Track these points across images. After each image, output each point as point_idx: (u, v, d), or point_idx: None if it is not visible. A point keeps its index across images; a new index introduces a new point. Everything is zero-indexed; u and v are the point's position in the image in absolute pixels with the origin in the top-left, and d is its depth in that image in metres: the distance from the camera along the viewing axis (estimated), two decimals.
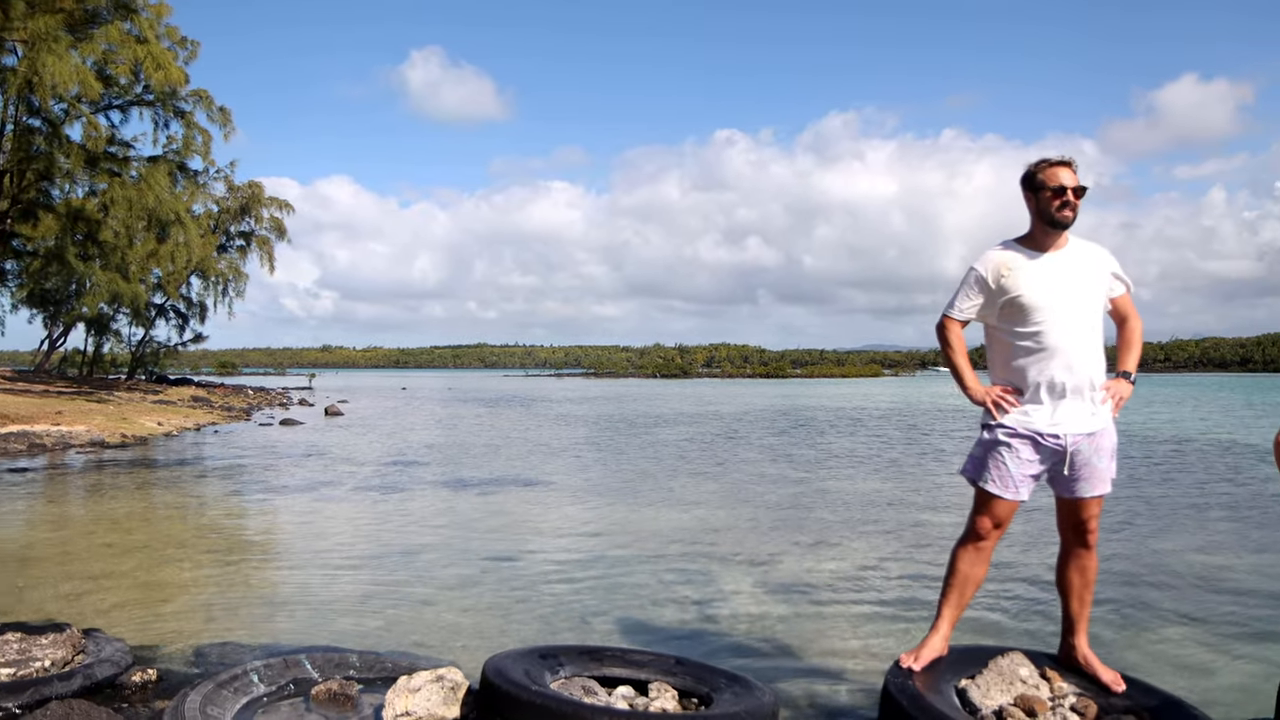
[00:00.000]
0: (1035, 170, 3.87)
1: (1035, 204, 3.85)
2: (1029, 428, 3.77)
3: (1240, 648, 5.47)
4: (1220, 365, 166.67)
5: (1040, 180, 3.82)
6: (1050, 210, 3.79)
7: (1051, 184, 3.79)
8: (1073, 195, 3.77)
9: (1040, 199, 3.82)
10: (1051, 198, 3.78)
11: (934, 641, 3.85)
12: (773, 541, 8.68)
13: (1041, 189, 3.81)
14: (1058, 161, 3.83)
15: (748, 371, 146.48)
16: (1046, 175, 3.82)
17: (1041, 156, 3.89)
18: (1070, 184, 3.77)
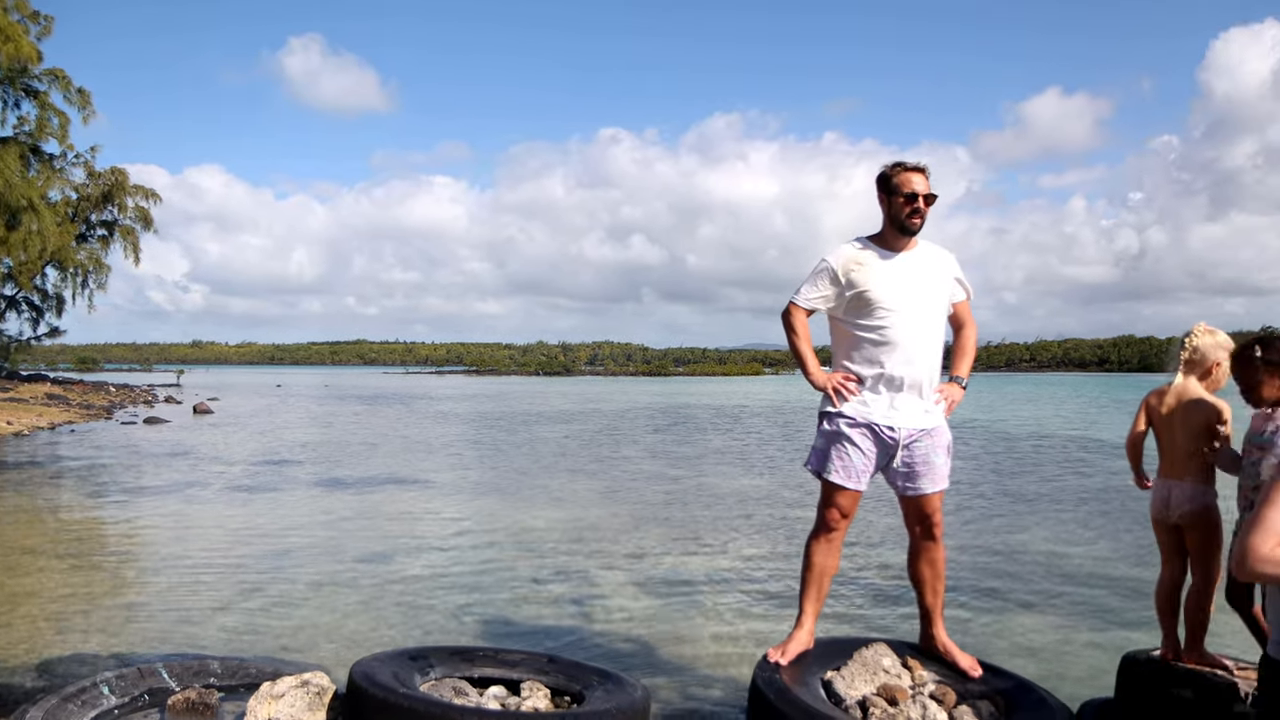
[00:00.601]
0: (890, 173, 3.94)
1: (887, 206, 3.94)
2: (866, 418, 3.87)
3: (1088, 631, 5.79)
4: (1080, 365, 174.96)
5: (894, 184, 3.90)
6: (901, 215, 3.89)
7: (904, 190, 3.87)
8: (923, 202, 3.87)
9: (893, 203, 3.91)
10: (904, 204, 3.88)
11: (800, 635, 3.94)
12: (649, 538, 8.76)
13: (894, 193, 3.89)
14: (912, 167, 3.92)
15: (631, 369, 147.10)
16: (900, 180, 3.90)
17: (897, 160, 3.97)
18: (922, 191, 3.87)
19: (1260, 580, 2.45)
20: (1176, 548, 3.84)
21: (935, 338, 3.94)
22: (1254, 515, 2.46)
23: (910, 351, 3.84)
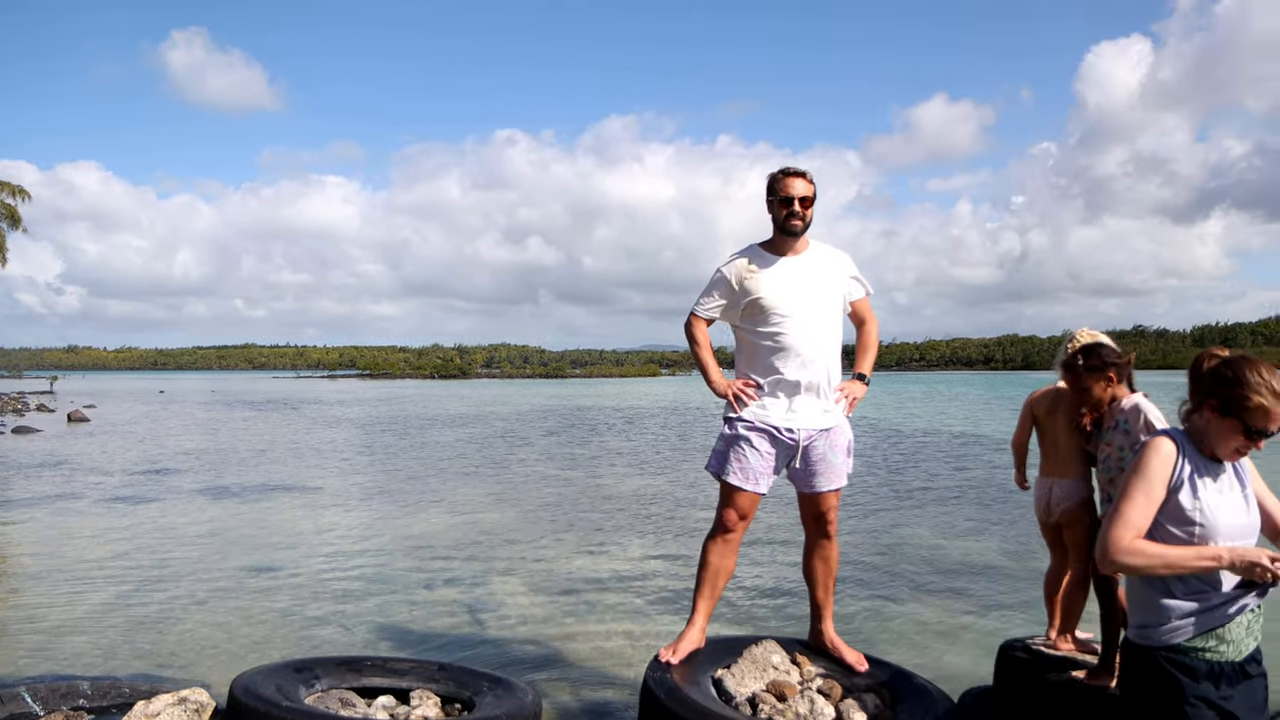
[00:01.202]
0: (773, 178, 4.04)
1: (773, 210, 4.03)
2: (765, 421, 3.94)
3: (971, 621, 5.99)
4: (967, 363, 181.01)
5: (775, 189, 4.01)
6: (779, 217, 3.99)
7: (782, 193, 3.98)
8: (799, 205, 3.96)
9: (775, 207, 4.01)
10: (780, 206, 3.98)
11: (691, 634, 3.97)
12: (545, 542, 8.73)
13: (775, 198, 4.00)
14: (793, 172, 4.01)
15: (528, 372, 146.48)
16: (781, 185, 3.99)
17: (783, 166, 4.07)
18: (797, 194, 3.96)
19: (1122, 571, 2.56)
20: (1060, 541, 4.01)
21: (832, 339, 4.03)
22: (1112, 510, 2.58)
23: (806, 355, 3.92)
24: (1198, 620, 2.51)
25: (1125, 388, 3.66)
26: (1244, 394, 2.47)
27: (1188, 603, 2.51)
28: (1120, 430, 3.58)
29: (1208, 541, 2.49)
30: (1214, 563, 2.45)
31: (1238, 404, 2.48)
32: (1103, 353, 3.63)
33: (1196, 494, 2.51)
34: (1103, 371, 3.60)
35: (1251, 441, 2.49)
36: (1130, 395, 3.61)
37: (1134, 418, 3.53)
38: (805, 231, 4.02)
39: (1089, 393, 3.65)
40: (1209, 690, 2.50)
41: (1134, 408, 3.54)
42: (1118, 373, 3.61)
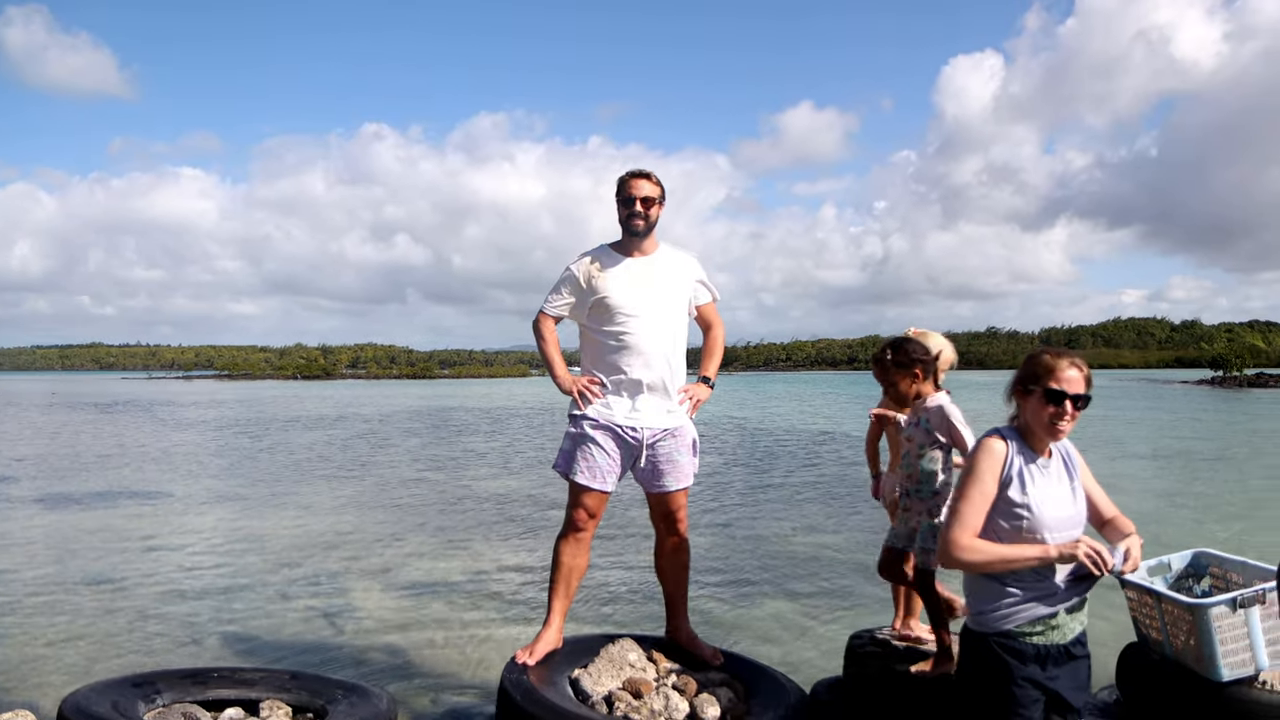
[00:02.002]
0: (619, 181, 4.09)
1: (622, 202, 4.06)
2: (609, 420, 3.98)
3: (825, 613, 6.17)
4: (832, 363, 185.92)
5: (619, 190, 4.07)
6: (623, 218, 4.05)
7: (625, 194, 4.03)
8: (641, 205, 4.01)
9: (619, 209, 4.06)
10: (623, 206, 4.03)
11: (548, 635, 3.97)
12: (408, 545, 8.58)
13: (619, 200, 4.06)
14: (637, 173, 4.07)
15: (394, 372, 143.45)
16: (624, 186, 4.05)
17: (630, 169, 4.11)
18: (640, 195, 4.01)
19: (964, 568, 2.66)
20: None
21: (675, 340, 4.08)
22: (949, 510, 2.70)
23: (650, 355, 3.96)
24: (1028, 608, 2.64)
25: (931, 386, 3.75)
26: (1031, 362, 2.72)
27: (1019, 591, 2.65)
28: (921, 428, 3.68)
29: (1035, 533, 2.62)
30: (1045, 556, 2.58)
31: (1030, 375, 2.69)
32: (910, 349, 3.71)
33: (1025, 489, 2.64)
34: (909, 368, 3.69)
35: (1057, 407, 2.64)
36: (936, 394, 3.71)
37: (936, 417, 3.63)
38: (649, 232, 4.06)
39: (895, 388, 3.75)
40: (1036, 672, 2.64)
41: (938, 407, 3.64)
42: (924, 370, 3.70)
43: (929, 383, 3.73)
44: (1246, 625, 3.23)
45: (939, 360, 4.06)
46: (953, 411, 3.60)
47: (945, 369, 4.06)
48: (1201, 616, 3.21)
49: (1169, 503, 11.11)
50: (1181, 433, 22.30)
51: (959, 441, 3.58)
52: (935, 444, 3.63)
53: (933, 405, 3.65)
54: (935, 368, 3.75)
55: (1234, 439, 20.44)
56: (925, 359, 3.69)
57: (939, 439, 3.62)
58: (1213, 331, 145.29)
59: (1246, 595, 3.22)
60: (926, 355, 3.71)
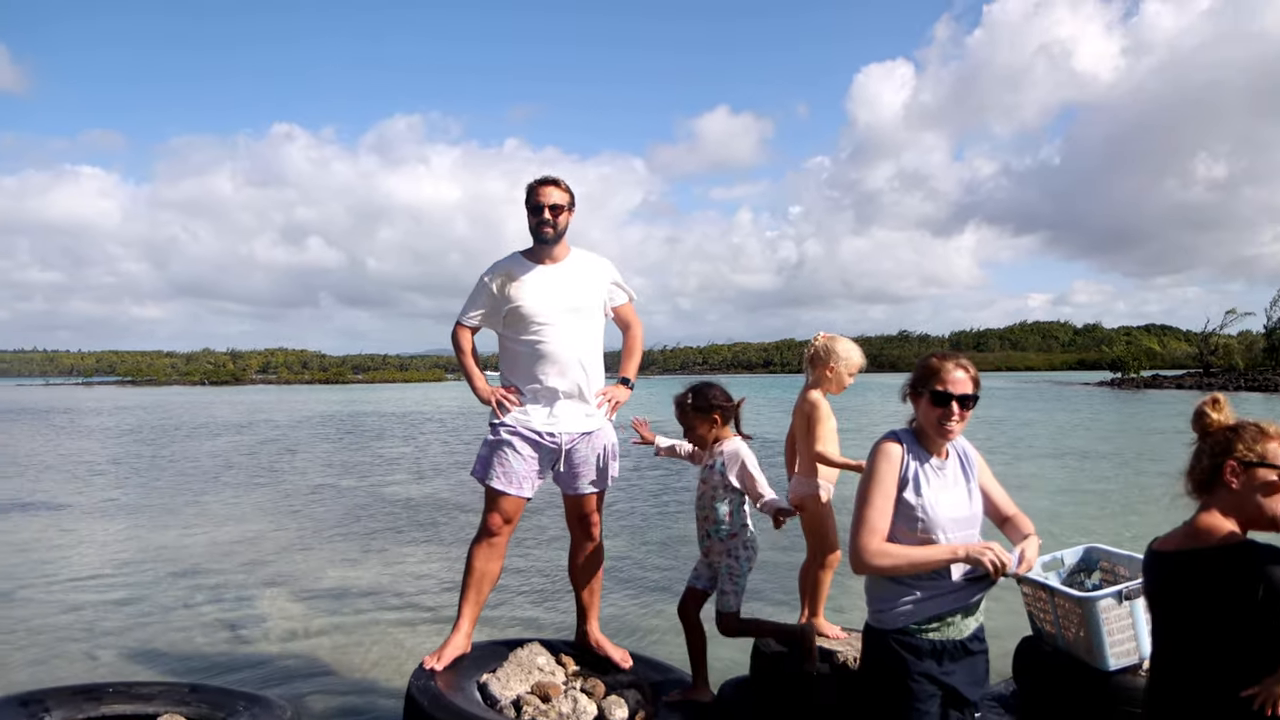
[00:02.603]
0: (528, 188, 4.09)
1: (531, 210, 4.06)
2: (528, 426, 4.00)
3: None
4: (748, 367, 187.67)
5: (528, 198, 4.06)
6: (532, 225, 4.06)
7: (534, 201, 4.04)
8: (550, 213, 4.02)
9: (529, 218, 4.07)
10: (531, 215, 4.05)
11: (456, 640, 3.95)
12: (317, 552, 8.43)
13: (528, 208, 4.06)
14: (546, 180, 4.08)
15: (307, 378, 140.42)
16: (533, 193, 4.06)
17: (539, 176, 4.10)
18: (548, 202, 4.02)
19: (877, 573, 2.71)
20: None
21: (591, 345, 4.11)
22: (856, 518, 2.74)
23: (565, 361, 3.99)
24: (926, 606, 2.71)
25: (731, 430, 3.78)
26: (920, 365, 2.81)
27: (917, 591, 2.71)
28: (716, 470, 3.70)
29: (931, 534, 2.69)
30: (952, 557, 2.65)
31: (919, 378, 2.78)
32: (710, 394, 3.74)
33: (920, 491, 2.71)
34: (708, 413, 3.71)
35: (944, 409, 2.72)
36: (732, 439, 3.73)
37: (731, 462, 3.66)
38: (559, 239, 4.08)
39: (694, 432, 3.77)
40: (932, 667, 2.71)
41: (733, 453, 3.67)
42: (723, 415, 3.73)
43: (728, 428, 3.76)
44: (1131, 616, 3.37)
45: (847, 365, 4.13)
46: (748, 457, 3.65)
47: (854, 373, 4.14)
48: (1090, 609, 3.34)
49: (1067, 500, 11.49)
50: (1081, 433, 23.07)
51: (751, 489, 3.63)
52: (728, 488, 3.67)
53: (728, 450, 3.68)
54: (736, 414, 3.79)
55: (1129, 439, 21.21)
56: (725, 405, 3.73)
57: (732, 483, 3.66)
58: (1113, 335, 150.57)
59: (1132, 588, 3.36)
60: (727, 401, 3.75)
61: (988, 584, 2.74)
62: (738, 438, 3.75)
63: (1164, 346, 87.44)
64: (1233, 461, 2.34)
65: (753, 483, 3.62)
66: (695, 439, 3.80)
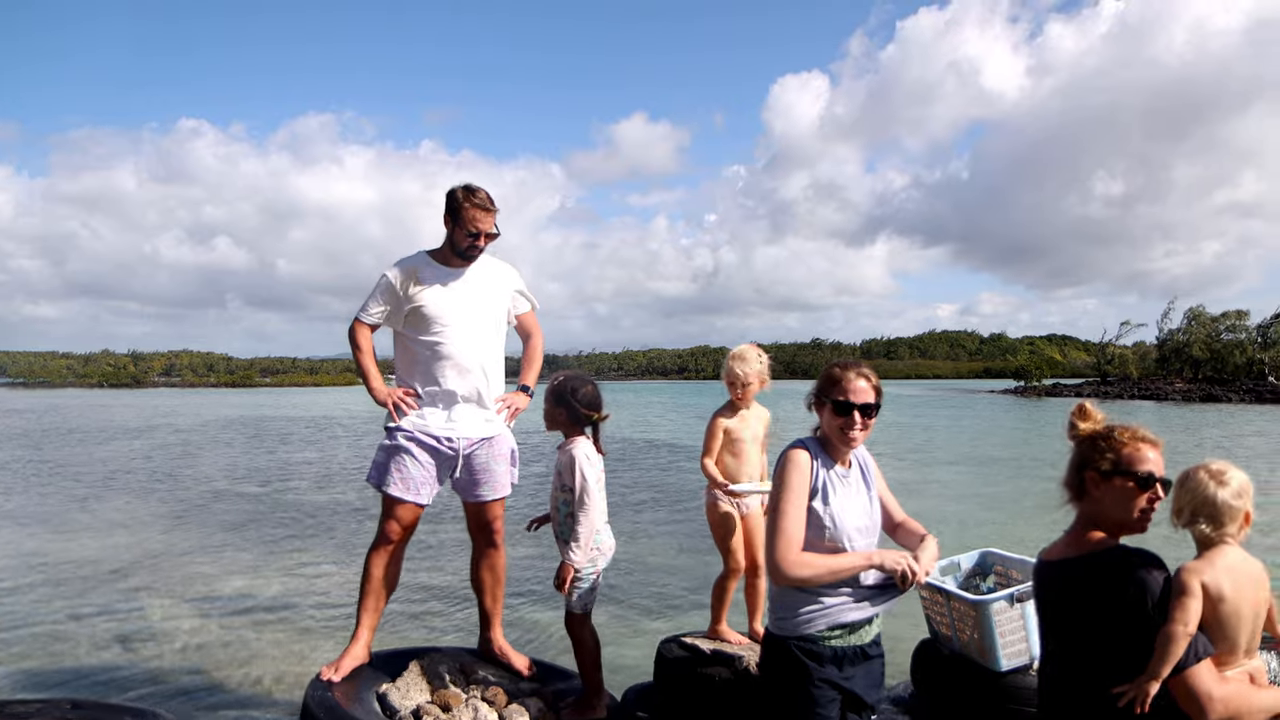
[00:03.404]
0: (462, 203, 3.92)
1: (451, 231, 3.98)
2: (425, 431, 3.92)
3: (649, 620, 6.23)
4: (663, 373, 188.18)
5: (462, 217, 3.91)
6: (461, 246, 3.96)
7: (469, 226, 3.91)
8: (484, 240, 3.97)
9: (457, 232, 3.95)
10: (464, 237, 3.93)
11: (355, 650, 3.86)
12: (215, 560, 8.18)
13: (460, 225, 3.92)
14: (483, 205, 3.92)
15: (212, 380, 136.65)
16: (467, 216, 3.91)
17: (469, 186, 3.99)
18: (483, 229, 3.93)
19: (798, 584, 2.71)
20: None
21: (493, 351, 4.06)
22: (771, 529, 2.74)
23: (466, 365, 3.94)
24: (829, 614, 2.73)
25: (579, 431, 3.67)
26: (823, 375, 2.84)
27: (824, 599, 2.73)
28: (557, 471, 3.66)
29: (838, 542, 2.72)
30: (868, 564, 2.68)
31: (822, 387, 2.82)
32: (579, 390, 3.65)
33: (828, 500, 2.74)
34: (558, 404, 3.63)
35: (846, 418, 2.76)
36: (578, 441, 3.64)
37: (566, 465, 3.59)
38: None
39: (553, 419, 3.68)
40: (833, 672, 2.73)
41: (569, 458, 3.59)
42: (569, 412, 3.63)
43: (576, 428, 3.66)
44: (1023, 618, 3.46)
45: (728, 375, 4.14)
46: (581, 459, 3.54)
47: (742, 381, 4.12)
48: (983, 612, 3.41)
49: (969, 504, 11.77)
50: (985, 439, 23.71)
51: (577, 494, 3.53)
52: (565, 489, 3.61)
53: (566, 454, 3.61)
54: (595, 423, 3.69)
55: (1029, 446, 21.86)
56: (575, 405, 3.62)
57: (568, 486, 3.59)
58: (1017, 344, 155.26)
59: (1023, 590, 3.44)
60: (588, 408, 3.65)
61: (896, 593, 2.77)
62: (585, 441, 3.64)
63: (1065, 356, 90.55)
64: (1091, 472, 2.42)
65: (578, 490, 3.54)
66: (551, 425, 3.70)
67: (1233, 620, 2.33)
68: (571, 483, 3.57)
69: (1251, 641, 2.40)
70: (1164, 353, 67.44)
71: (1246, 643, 2.38)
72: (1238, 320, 64.74)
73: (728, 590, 4.21)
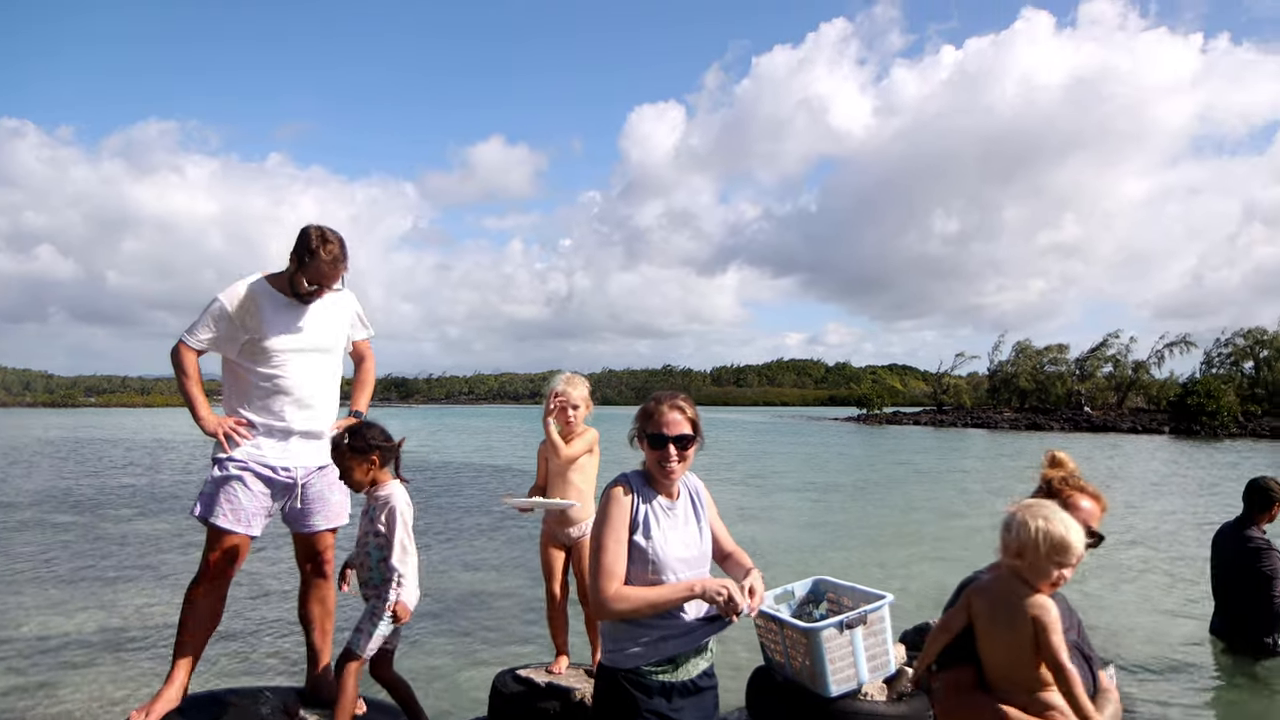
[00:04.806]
0: (314, 249, 3.69)
1: (295, 270, 3.75)
2: (261, 461, 3.75)
3: (483, 654, 6.08)
4: (514, 398, 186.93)
5: (312, 262, 3.71)
6: (301, 292, 3.78)
7: (314, 279, 3.74)
8: (340, 284, 3.88)
9: (299, 276, 3.74)
10: (306, 286, 3.77)
11: (169, 693, 3.61)
12: (18, 596, 7.60)
13: (304, 271, 3.72)
14: (333, 262, 3.74)
15: (29, 400, 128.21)
16: (314, 269, 3.71)
17: (324, 236, 3.72)
18: (330, 285, 3.82)
19: (618, 618, 2.69)
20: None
21: (332, 382, 3.95)
22: (592, 564, 2.72)
23: (304, 397, 3.81)
24: (659, 647, 2.71)
25: (389, 473, 3.59)
26: (640, 410, 2.85)
27: (651, 632, 2.72)
28: (369, 516, 3.56)
29: (661, 575, 2.70)
30: (689, 594, 2.66)
31: (639, 421, 2.83)
32: (369, 435, 3.54)
33: (649, 534, 2.73)
34: (366, 454, 3.50)
35: (662, 451, 2.76)
36: (390, 483, 3.55)
37: (382, 508, 3.51)
38: None
39: (350, 475, 3.53)
40: (661, 705, 2.71)
41: (386, 499, 3.51)
42: (382, 457, 3.53)
43: (386, 470, 3.57)
44: (852, 645, 3.52)
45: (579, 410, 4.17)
46: (400, 503, 3.47)
47: (558, 404, 4.18)
48: (814, 639, 3.46)
49: (809, 531, 12.01)
50: (827, 466, 24.38)
51: (394, 541, 3.44)
52: (379, 534, 3.51)
53: (383, 495, 3.52)
54: (396, 455, 3.59)
55: (869, 472, 22.62)
56: (385, 445, 3.54)
57: (381, 529, 3.50)
58: (860, 373, 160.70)
59: (852, 618, 3.51)
60: (387, 442, 3.56)
61: (722, 624, 2.77)
62: (396, 482, 3.56)
63: (905, 385, 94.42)
64: None
65: (395, 536, 3.44)
66: (352, 483, 3.54)
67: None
68: (390, 528, 3.44)
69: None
70: (994, 383, 71.17)
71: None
72: (1059, 354, 68.89)
73: (554, 620, 4.18)
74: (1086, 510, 2.58)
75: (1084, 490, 2.62)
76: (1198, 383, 52.00)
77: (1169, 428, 48.49)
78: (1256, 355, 59.46)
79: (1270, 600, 5.79)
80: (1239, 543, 5.92)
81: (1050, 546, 2.42)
